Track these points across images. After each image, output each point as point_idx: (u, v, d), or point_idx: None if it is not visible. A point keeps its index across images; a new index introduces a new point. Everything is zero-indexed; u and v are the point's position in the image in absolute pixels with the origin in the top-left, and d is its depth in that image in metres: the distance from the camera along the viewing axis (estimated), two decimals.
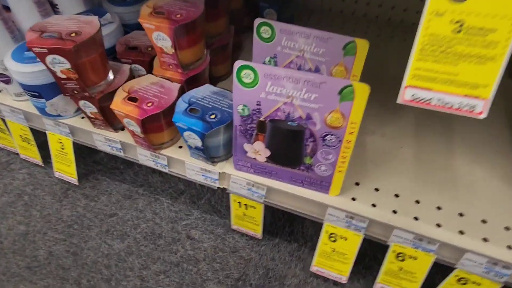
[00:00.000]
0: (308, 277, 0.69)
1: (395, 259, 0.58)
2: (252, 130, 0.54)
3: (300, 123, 0.50)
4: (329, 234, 0.61)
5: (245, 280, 0.68)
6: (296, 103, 0.48)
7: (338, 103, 0.46)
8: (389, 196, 0.58)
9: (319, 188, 0.57)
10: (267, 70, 0.47)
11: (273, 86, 0.48)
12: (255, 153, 0.57)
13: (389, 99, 0.45)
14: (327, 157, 0.53)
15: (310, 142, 0.52)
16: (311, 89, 0.46)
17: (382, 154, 0.65)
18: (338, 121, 0.48)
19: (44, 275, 0.69)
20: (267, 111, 0.51)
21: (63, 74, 0.56)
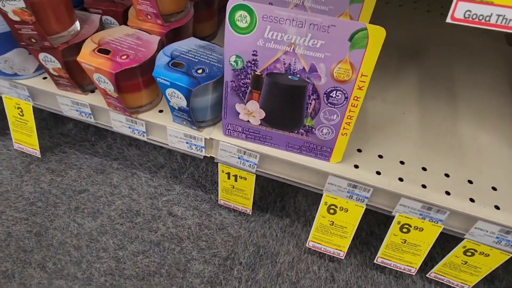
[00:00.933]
0: (302, 254, 0.64)
1: (399, 231, 0.54)
2: (246, 87, 0.47)
3: (303, 76, 0.43)
4: (328, 206, 0.55)
5: (234, 258, 0.62)
6: (299, 52, 0.41)
7: (348, 52, 0.40)
8: (394, 163, 0.53)
9: (319, 155, 0.51)
10: (267, 10, 0.39)
11: (273, 32, 0.40)
12: (248, 115, 0.50)
13: (389, 61, 0.39)
14: (330, 117, 0.47)
15: (312, 100, 0.46)
16: (317, 34, 0.39)
17: (384, 120, 0.60)
18: (346, 74, 0.42)
19: (2, 258, 0.60)
20: (265, 63, 0.43)
21: (16, 16, 0.46)
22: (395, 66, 0.70)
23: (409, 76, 0.68)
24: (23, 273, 0.59)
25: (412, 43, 0.76)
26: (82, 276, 0.59)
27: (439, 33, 0.80)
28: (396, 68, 0.70)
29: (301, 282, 0.60)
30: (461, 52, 0.75)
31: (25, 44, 0.50)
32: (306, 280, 0.60)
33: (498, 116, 0.62)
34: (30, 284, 0.57)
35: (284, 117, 0.49)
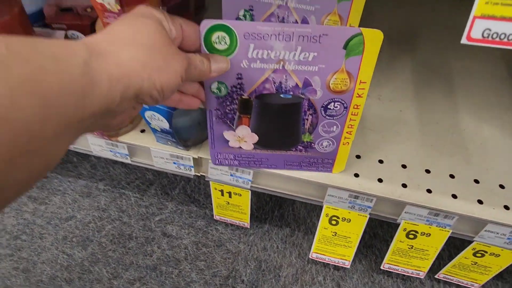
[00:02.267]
0: (305, 265, 0.61)
1: (405, 237, 0.51)
2: (233, 113, 0.41)
3: (296, 93, 0.39)
4: (330, 217, 0.53)
5: (235, 276, 0.60)
6: (290, 68, 0.37)
7: (343, 60, 0.36)
8: (395, 167, 0.50)
9: (320, 168, 0.48)
10: (248, 27, 0.34)
11: (258, 50, 0.35)
12: (240, 141, 0.45)
13: (380, 54, 0.35)
14: (330, 129, 0.43)
15: (309, 115, 0.42)
16: (308, 46, 0.35)
17: (381, 120, 0.56)
18: (344, 84, 0.38)
19: None
20: (252, 85, 0.39)
21: None
22: (387, 58, 0.66)
23: (403, 68, 0.65)
24: None
25: (402, 29, 0.72)
26: None
27: (431, 15, 0.76)
28: (388, 61, 0.66)
29: None
30: (456, 36, 0.71)
31: None
32: None
33: (498, 105, 0.59)
34: None
35: (280, 137, 0.45)
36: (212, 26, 0.33)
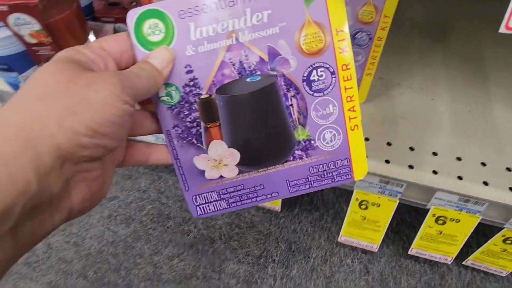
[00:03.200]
0: (334, 248, 0.64)
1: (434, 223, 0.53)
2: (197, 124, 0.30)
3: (265, 71, 0.29)
4: (360, 202, 0.55)
5: (267, 256, 0.63)
6: (245, 40, 0.29)
7: (305, 10, 0.28)
8: (426, 154, 0.52)
9: (337, 177, 0.33)
10: (181, 3, 0.27)
11: (201, 28, 0.28)
12: (218, 166, 0.31)
13: (411, 43, 0.35)
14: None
15: (291, 97, 0.31)
16: (257, 4, 0.28)
17: (412, 108, 0.57)
18: (318, 40, 0.29)
19: (45, 270, 0.63)
20: (207, 76, 0.29)
21: (33, 38, 0.46)
22: (418, 48, 0.67)
23: (435, 57, 0.65)
24: (66, 284, 0.61)
25: (436, 19, 0.72)
26: (122, 283, 0.61)
27: (464, 5, 0.75)
28: (419, 50, 0.66)
29: (335, 276, 0.61)
30: (489, 26, 0.70)
31: None
32: (340, 274, 0.61)
33: None
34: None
35: (267, 142, 0.31)
36: (141, 14, 0.27)
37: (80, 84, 0.21)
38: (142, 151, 0.29)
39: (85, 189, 0.22)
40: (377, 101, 0.58)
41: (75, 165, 0.21)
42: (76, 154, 0.20)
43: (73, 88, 0.20)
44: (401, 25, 0.71)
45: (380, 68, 0.62)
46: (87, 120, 0.20)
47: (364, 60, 0.51)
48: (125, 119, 0.22)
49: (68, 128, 0.19)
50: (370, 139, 0.53)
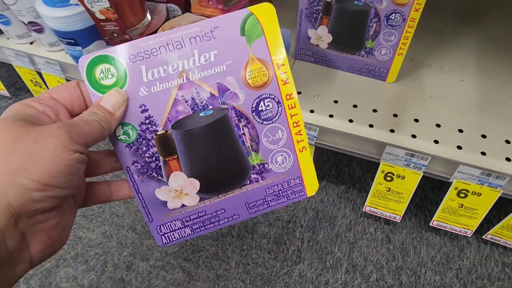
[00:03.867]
0: (358, 217, 0.69)
1: (456, 196, 0.56)
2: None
3: (216, 105, 0.33)
4: (385, 174, 0.59)
5: (295, 222, 0.69)
6: (195, 78, 0.31)
7: (248, 48, 0.32)
8: (452, 131, 0.55)
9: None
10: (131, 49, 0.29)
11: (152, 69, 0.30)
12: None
13: (445, 27, 0.39)
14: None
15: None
16: (204, 46, 0.31)
17: (442, 88, 0.60)
18: (262, 74, 0.33)
19: (100, 222, 0.72)
20: (162, 114, 0.32)
21: (102, 15, 0.52)
22: (451, 31, 0.68)
23: (467, 41, 0.67)
24: (118, 234, 0.70)
25: (470, 3, 0.73)
26: None
27: None
28: (452, 33, 0.68)
29: (358, 243, 0.66)
30: None
31: (108, 38, 0.57)
32: (363, 241, 0.66)
33: None
34: (126, 243, 0.68)
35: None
36: (90, 61, 0.29)
37: (27, 141, 0.21)
38: (104, 190, 0.30)
39: (44, 238, 0.23)
40: (407, 80, 0.61)
41: (30, 218, 0.21)
42: (29, 208, 0.21)
43: (20, 146, 0.21)
44: (436, 7, 0.73)
45: (412, 49, 0.65)
46: (36, 175, 0.21)
47: (397, 41, 0.54)
48: (76, 167, 0.23)
49: (18, 185, 0.20)
50: (398, 116, 0.56)
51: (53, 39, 0.70)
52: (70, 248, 0.68)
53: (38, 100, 0.25)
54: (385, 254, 0.64)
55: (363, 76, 0.62)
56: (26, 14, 0.64)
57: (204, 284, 0.63)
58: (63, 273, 0.65)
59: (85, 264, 0.66)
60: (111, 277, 0.64)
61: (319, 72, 0.63)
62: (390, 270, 0.63)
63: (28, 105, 0.24)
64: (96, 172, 0.30)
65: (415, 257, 0.64)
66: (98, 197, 0.29)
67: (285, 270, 0.64)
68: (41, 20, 0.64)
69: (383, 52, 0.57)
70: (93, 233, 0.70)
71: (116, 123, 0.28)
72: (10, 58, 0.76)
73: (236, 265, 0.64)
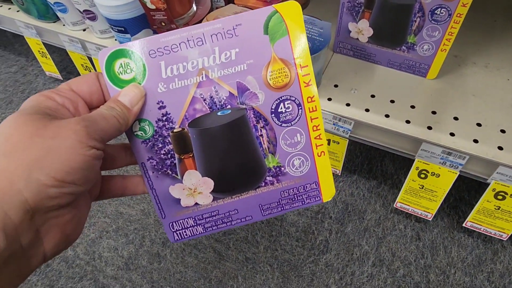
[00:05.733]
0: (388, 213, 0.69)
1: (493, 198, 0.55)
2: (172, 157, 0.33)
3: (234, 104, 0.33)
4: (420, 171, 0.58)
5: (324, 213, 0.70)
6: (215, 76, 0.31)
7: (271, 47, 0.31)
8: (493, 131, 0.53)
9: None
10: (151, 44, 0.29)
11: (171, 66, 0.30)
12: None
13: (493, 23, 0.37)
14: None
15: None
16: (225, 43, 0.30)
17: (486, 87, 0.58)
18: (284, 75, 0.34)
19: (140, 200, 0.76)
20: (180, 112, 0.32)
21: (153, 5, 0.55)
22: (500, 28, 0.66)
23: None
24: (156, 212, 0.74)
25: None
26: None
27: None
28: (501, 30, 0.65)
29: (387, 238, 0.66)
30: None
31: (156, 27, 0.60)
32: (392, 237, 0.66)
33: None
34: None
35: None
36: (110, 55, 0.29)
37: (45, 136, 0.21)
38: (118, 184, 0.30)
39: (58, 234, 0.23)
40: (449, 77, 0.60)
41: (45, 214, 0.21)
42: (45, 205, 0.21)
43: (38, 141, 0.21)
44: (485, 2, 0.70)
45: (456, 45, 0.63)
46: (53, 171, 0.20)
47: (440, 36, 0.53)
48: (93, 164, 0.23)
49: (34, 182, 0.20)
50: (437, 113, 0.56)
51: (104, 27, 0.75)
52: (112, 222, 0.73)
53: (58, 92, 0.25)
54: (414, 251, 0.64)
55: (403, 72, 0.62)
56: (82, 3, 0.69)
57: (233, 264, 0.66)
58: (105, 244, 0.70)
59: (125, 237, 0.71)
60: (148, 251, 0.69)
61: (357, 66, 0.63)
62: (418, 267, 0.63)
63: (48, 97, 0.24)
64: (112, 166, 0.30)
65: (445, 256, 0.63)
66: (112, 191, 0.30)
67: (312, 258, 0.65)
68: (95, 8, 0.69)
69: (425, 48, 0.56)
70: (133, 210, 0.75)
71: (133, 119, 0.28)
72: (65, 43, 0.82)
73: (265, 250, 0.67)
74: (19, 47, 1.12)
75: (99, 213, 0.75)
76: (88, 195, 0.27)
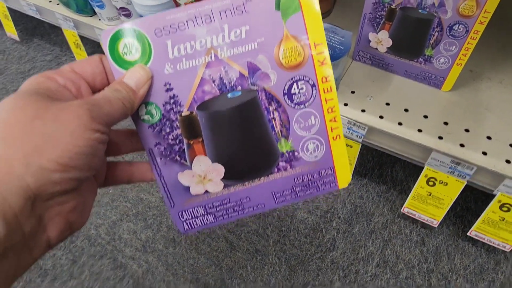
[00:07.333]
0: (395, 218, 0.71)
1: (498, 209, 0.57)
2: (180, 143, 0.33)
3: (245, 86, 0.31)
4: (428, 178, 0.61)
5: (333, 213, 0.73)
6: (224, 56, 0.29)
7: (283, 25, 0.30)
8: (503, 145, 0.56)
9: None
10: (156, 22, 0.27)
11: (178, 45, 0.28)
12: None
13: (509, 42, 0.40)
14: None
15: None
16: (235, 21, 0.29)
17: (499, 102, 0.60)
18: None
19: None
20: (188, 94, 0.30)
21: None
22: None
23: None
24: None
25: None
26: None
27: None
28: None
29: (392, 241, 0.69)
30: None
31: None
32: (397, 240, 0.69)
33: None
34: None
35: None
36: (114, 33, 0.27)
37: (46, 119, 0.20)
38: (125, 171, 0.29)
39: (62, 221, 0.22)
40: (463, 91, 0.62)
41: (48, 201, 0.20)
42: (47, 191, 0.20)
43: (38, 124, 0.20)
44: (504, 20, 0.72)
45: (473, 61, 0.65)
46: (56, 156, 0.20)
47: (457, 51, 0.56)
48: (97, 148, 0.22)
49: (36, 167, 0.19)
50: (449, 124, 0.58)
51: None
52: (132, 206, 0.78)
53: (60, 73, 0.24)
54: (418, 255, 0.67)
55: (418, 82, 0.64)
56: (119, 0, 0.74)
57: (243, 255, 0.70)
58: (125, 227, 0.75)
59: (144, 222, 0.76)
60: (164, 236, 0.73)
61: (375, 74, 0.66)
62: (421, 271, 0.65)
63: (49, 78, 0.23)
64: (117, 152, 0.29)
65: (448, 263, 0.65)
66: (119, 178, 0.29)
67: (319, 254, 0.69)
68: (131, 6, 0.74)
69: (442, 61, 0.59)
70: (152, 196, 0.80)
71: (139, 102, 0.26)
72: (99, 36, 0.87)
73: (274, 243, 0.70)
74: (54, 37, 1.18)
75: (120, 197, 0.80)
76: (94, 181, 0.26)
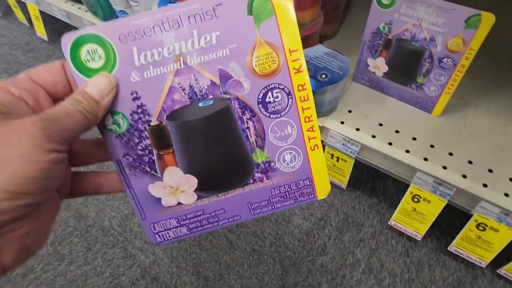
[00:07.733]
0: (383, 229, 0.77)
1: (475, 228, 0.62)
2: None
3: (217, 94, 0.30)
4: (413, 195, 0.66)
5: (326, 220, 0.79)
6: (194, 63, 0.28)
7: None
8: (482, 170, 0.61)
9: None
10: (120, 27, 0.26)
11: (145, 52, 0.27)
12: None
13: (499, 73, 0.45)
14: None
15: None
16: (205, 26, 0.27)
17: (482, 129, 0.66)
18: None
19: None
20: (156, 103, 0.29)
21: None
22: (508, 75, 0.72)
23: None
24: None
25: None
26: None
27: None
28: (508, 78, 0.72)
29: (379, 251, 0.74)
30: None
31: None
32: (383, 250, 0.74)
33: None
34: None
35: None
36: (75, 41, 0.25)
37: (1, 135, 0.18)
38: (92, 182, 0.27)
39: (16, 247, 0.20)
40: (452, 116, 0.68)
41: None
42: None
43: None
44: (496, 50, 0.77)
45: (464, 88, 0.71)
46: (3, 183, 0.18)
47: (446, 81, 0.61)
48: (53, 170, 0.20)
49: None
50: (435, 146, 0.64)
51: None
52: None
53: (15, 82, 0.22)
54: (401, 265, 0.72)
55: (411, 106, 0.70)
56: (118, 4, 0.81)
57: (241, 253, 0.76)
58: (136, 221, 0.83)
59: None
60: None
61: (372, 95, 0.72)
62: (403, 279, 0.71)
63: (1, 89, 0.21)
64: (84, 162, 0.28)
65: (429, 274, 0.71)
66: (85, 189, 0.27)
67: (310, 258, 0.75)
68: (130, 10, 0.81)
69: (432, 89, 0.64)
70: None
71: (102, 113, 0.25)
72: None
73: (270, 245, 0.77)
74: None
75: None
76: (56, 196, 0.24)
